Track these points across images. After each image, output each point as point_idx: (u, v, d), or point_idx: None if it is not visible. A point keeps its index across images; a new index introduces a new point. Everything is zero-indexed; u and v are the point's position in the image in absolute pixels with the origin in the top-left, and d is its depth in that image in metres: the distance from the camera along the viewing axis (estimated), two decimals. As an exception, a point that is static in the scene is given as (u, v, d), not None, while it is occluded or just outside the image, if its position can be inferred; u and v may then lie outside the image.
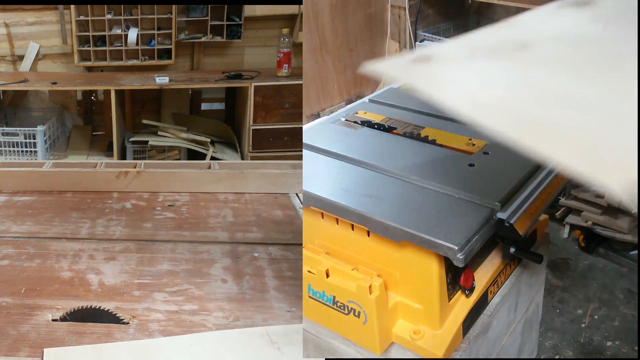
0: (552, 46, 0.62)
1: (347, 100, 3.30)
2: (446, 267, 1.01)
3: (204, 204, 1.28)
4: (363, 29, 3.28)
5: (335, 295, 1.08)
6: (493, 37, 0.68)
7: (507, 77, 0.55)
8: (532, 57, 0.59)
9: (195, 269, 0.99)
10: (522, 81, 0.54)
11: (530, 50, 0.60)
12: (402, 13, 3.11)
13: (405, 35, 3.13)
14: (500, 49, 0.61)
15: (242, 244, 1.11)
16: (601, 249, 2.35)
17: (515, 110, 0.49)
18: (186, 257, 1.04)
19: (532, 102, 0.50)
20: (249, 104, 2.60)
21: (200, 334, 0.80)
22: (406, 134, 1.33)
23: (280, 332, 0.82)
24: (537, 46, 0.62)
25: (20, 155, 2.59)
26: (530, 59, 0.59)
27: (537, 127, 0.46)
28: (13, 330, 0.78)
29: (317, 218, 1.12)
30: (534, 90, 0.51)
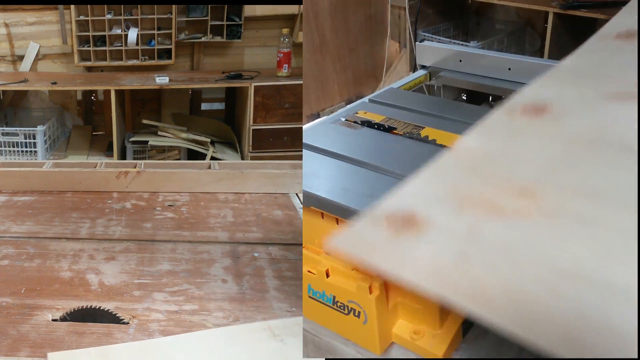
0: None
1: (347, 100, 3.30)
2: (446, 267, 1.01)
3: (204, 204, 1.28)
4: (363, 29, 3.28)
5: (335, 295, 1.08)
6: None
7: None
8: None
9: (195, 269, 0.99)
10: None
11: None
12: (402, 13, 3.11)
13: (405, 35, 3.13)
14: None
15: (242, 244, 1.11)
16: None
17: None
18: (186, 257, 1.04)
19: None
20: (249, 104, 2.60)
21: (203, 331, 0.80)
22: (406, 134, 1.33)
23: (281, 325, 0.82)
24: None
25: (20, 155, 2.59)
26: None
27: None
28: (13, 330, 0.78)
29: (317, 218, 1.12)
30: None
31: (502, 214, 0.50)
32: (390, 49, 3.36)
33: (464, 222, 0.50)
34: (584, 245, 0.45)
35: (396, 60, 3.34)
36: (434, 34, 2.93)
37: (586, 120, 0.68)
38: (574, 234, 0.46)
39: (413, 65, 2.31)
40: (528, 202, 0.52)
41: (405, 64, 3.22)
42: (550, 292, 0.40)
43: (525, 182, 0.56)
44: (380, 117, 1.42)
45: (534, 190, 0.54)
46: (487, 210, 0.51)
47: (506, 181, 0.56)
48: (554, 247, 0.45)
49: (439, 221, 0.50)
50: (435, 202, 0.54)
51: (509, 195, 0.54)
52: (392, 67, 3.35)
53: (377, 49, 3.39)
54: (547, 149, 0.63)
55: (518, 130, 0.69)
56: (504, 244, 0.46)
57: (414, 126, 1.37)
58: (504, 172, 0.59)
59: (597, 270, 0.42)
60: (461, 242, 0.47)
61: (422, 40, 1.86)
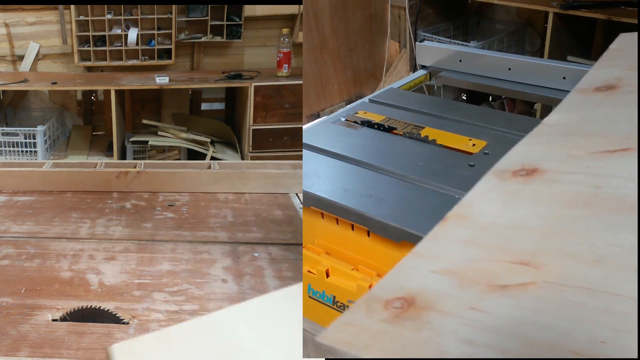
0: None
1: (347, 100, 3.30)
2: (446, 267, 1.01)
3: (204, 204, 1.28)
4: (363, 29, 3.28)
5: (335, 295, 1.08)
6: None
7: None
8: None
9: (195, 269, 0.99)
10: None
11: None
12: (402, 13, 3.11)
13: (405, 35, 3.13)
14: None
15: (242, 244, 1.11)
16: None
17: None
18: (186, 257, 1.04)
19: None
20: (249, 104, 2.60)
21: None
22: (406, 134, 1.33)
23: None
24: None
25: (20, 155, 2.59)
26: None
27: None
28: (13, 330, 0.78)
29: (317, 218, 1.12)
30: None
31: (505, 288, 0.48)
32: (390, 49, 3.36)
33: (466, 302, 0.47)
34: (596, 322, 0.42)
35: (396, 60, 3.34)
36: (434, 34, 2.93)
37: (579, 180, 0.66)
38: (584, 310, 0.44)
39: (413, 65, 2.31)
40: (531, 273, 0.49)
41: (405, 64, 3.22)
42: None
43: (526, 252, 0.53)
44: (380, 117, 1.42)
45: (537, 260, 0.51)
46: (489, 286, 0.48)
47: (507, 252, 0.54)
48: (566, 326, 0.42)
49: (441, 304, 0.47)
50: (435, 280, 0.51)
51: (510, 267, 0.51)
52: (392, 67, 3.35)
53: (377, 49, 3.39)
54: (544, 214, 0.61)
55: (511, 195, 0.68)
56: (512, 324, 0.43)
57: (414, 126, 1.37)
58: (504, 243, 0.56)
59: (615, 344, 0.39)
60: (465, 325, 0.44)
61: (422, 40, 1.86)
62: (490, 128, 1.35)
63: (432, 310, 0.46)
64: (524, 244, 0.55)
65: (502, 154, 1.20)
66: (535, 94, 1.60)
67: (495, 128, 1.34)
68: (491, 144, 1.25)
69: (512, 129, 1.32)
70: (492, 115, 1.45)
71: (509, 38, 2.91)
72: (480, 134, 1.30)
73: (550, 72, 1.57)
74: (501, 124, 1.37)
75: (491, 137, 1.29)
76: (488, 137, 1.29)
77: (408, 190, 1.09)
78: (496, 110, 2.36)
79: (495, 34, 2.95)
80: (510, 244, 0.56)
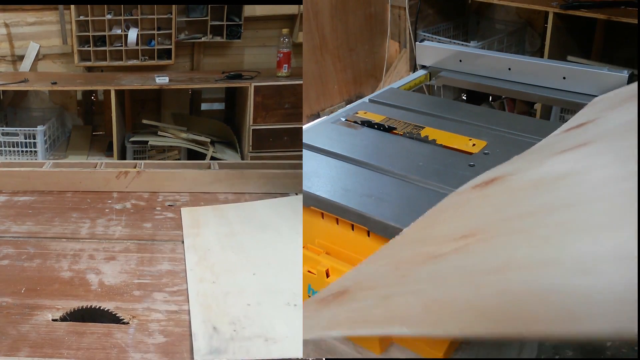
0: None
1: (347, 100, 3.30)
2: (446, 267, 1.01)
3: (204, 204, 1.28)
4: (363, 29, 3.28)
5: (335, 295, 1.08)
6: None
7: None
8: None
9: (195, 269, 0.99)
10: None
11: None
12: (402, 13, 3.11)
13: (405, 35, 3.13)
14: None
15: (242, 244, 1.10)
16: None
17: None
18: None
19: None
20: (249, 104, 2.60)
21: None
22: (406, 134, 1.33)
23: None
24: None
25: (20, 155, 2.59)
26: None
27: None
28: (13, 330, 0.78)
29: (317, 218, 1.12)
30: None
31: (439, 257, 0.50)
32: (390, 49, 3.36)
33: (394, 276, 0.49)
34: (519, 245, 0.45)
35: (396, 60, 3.34)
36: (434, 34, 2.93)
37: (530, 174, 0.68)
38: (509, 242, 0.47)
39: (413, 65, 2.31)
40: (468, 240, 0.52)
41: (405, 64, 3.22)
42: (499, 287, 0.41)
43: (467, 230, 0.55)
44: (380, 117, 1.42)
45: (475, 232, 0.53)
46: (424, 259, 0.50)
47: (448, 235, 0.56)
48: (486, 257, 0.45)
49: (367, 285, 0.50)
50: (368, 276, 0.53)
51: (449, 243, 0.53)
52: (392, 67, 3.35)
53: (377, 49, 3.39)
54: (490, 204, 0.62)
55: (465, 202, 0.70)
56: (433, 276, 0.45)
57: (414, 126, 1.37)
58: (447, 231, 0.58)
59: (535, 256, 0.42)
60: (388, 289, 0.47)
61: (422, 40, 1.86)
62: (490, 128, 1.35)
63: (362, 290, 0.50)
64: (466, 225, 0.57)
65: (502, 154, 1.20)
66: (535, 94, 1.60)
67: (495, 128, 1.34)
68: (491, 144, 1.25)
69: (512, 129, 1.33)
70: (492, 115, 1.45)
71: (509, 38, 2.91)
72: (480, 134, 1.31)
73: (550, 72, 1.57)
74: (501, 124, 1.37)
75: (491, 137, 1.29)
76: (488, 137, 1.29)
77: (408, 190, 1.09)
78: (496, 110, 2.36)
79: (495, 34, 2.95)
80: (453, 230, 0.58)
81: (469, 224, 0.57)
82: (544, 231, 0.46)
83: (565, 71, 1.54)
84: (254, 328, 0.76)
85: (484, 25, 3.17)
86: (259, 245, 1.02)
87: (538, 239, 0.45)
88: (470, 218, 0.60)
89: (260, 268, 0.93)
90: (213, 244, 1.02)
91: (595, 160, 0.59)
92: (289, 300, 0.83)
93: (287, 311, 0.81)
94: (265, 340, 0.74)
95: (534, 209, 0.52)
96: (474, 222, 0.57)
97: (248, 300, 0.83)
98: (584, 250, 0.40)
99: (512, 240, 0.47)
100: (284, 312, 0.81)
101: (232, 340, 0.74)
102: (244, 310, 0.81)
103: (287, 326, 0.77)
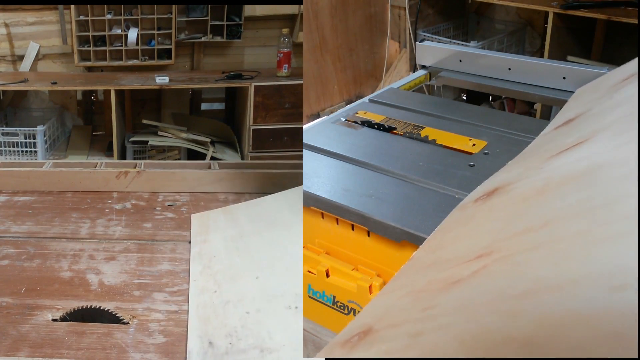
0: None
1: (347, 100, 3.30)
2: (446, 267, 1.01)
3: (204, 204, 1.28)
4: (363, 29, 3.28)
5: (335, 295, 1.08)
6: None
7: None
8: None
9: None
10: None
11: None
12: (402, 13, 3.11)
13: (405, 35, 3.13)
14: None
15: (242, 244, 1.10)
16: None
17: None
18: (186, 257, 1.04)
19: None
20: (249, 104, 2.60)
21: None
22: (406, 134, 1.33)
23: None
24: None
25: (20, 155, 2.59)
26: None
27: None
28: (13, 330, 0.78)
29: (317, 218, 1.12)
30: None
31: (458, 283, 0.48)
32: (390, 49, 3.36)
33: (417, 310, 0.47)
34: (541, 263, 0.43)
35: (396, 60, 3.34)
36: (434, 34, 2.93)
37: (532, 180, 0.67)
38: (530, 261, 0.44)
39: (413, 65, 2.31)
40: (484, 260, 0.49)
41: (405, 64, 3.22)
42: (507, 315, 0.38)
43: (480, 250, 0.53)
44: (380, 117, 1.42)
45: (490, 250, 0.51)
46: (442, 287, 0.48)
47: (462, 257, 0.53)
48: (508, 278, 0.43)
49: (391, 321, 0.47)
50: (388, 310, 0.51)
51: (466, 266, 0.50)
52: (392, 67, 3.35)
53: (377, 49, 3.39)
54: (498, 216, 0.61)
55: (471, 217, 0.68)
56: (459, 306, 0.43)
57: (414, 126, 1.37)
58: (459, 252, 0.56)
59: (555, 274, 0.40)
60: (415, 325, 0.44)
61: (422, 40, 1.86)
62: (490, 128, 1.35)
63: (388, 328, 0.46)
64: (480, 244, 0.55)
65: (502, 154, 1.21)
66: (535, 94, 1.60)
67: (495, 128, 1.34)
68: (491, 144, 1.25)
69: (512, 129, 1.33)
70: (492, 115, 1.45)
71: (509, 38, 2.91)
72: (480, 134, 1.31)
73: (550, 72, 1.57)
74: (501, 124, 1.37)
75: (491, 137, 1.29)
76: (488, 137, 1.29)
77: (408, 190, 1.09)
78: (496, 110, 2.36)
79: (495, 34, 2.96)
80: (468, 251, 0.55)
81: (481, 242, 0.56)
82: (563, 244, 0.44)
83: (565, 71, 1.54)
84: (250, 339, 0.76)
85: (484, 25, 3.17)
86: (266, 245, 1.01)
87: (560, 254, 0.43)
88: (480, 235, 0.58)
89: (264, 271, 0.92)
90: (219, 250, 1.01)
91: (597, 158, 0.58)
92: (290, 304, 0.82)
93: (287, 316, 0.81)
94: (261, 351, 0.74)
95: (544, 220, 0.50)
96: (486, 239, 0.56)
97: (247, 308, 0.83)
98: (613, 263, 0.38)
99: (532, 258, 0.45)
100: (283, 317, 0.80)
101: (226, 355, 0.73)
102: (242, 319, 0.80)
103: (284, 334, 0.77)
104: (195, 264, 0.98)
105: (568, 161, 0.65)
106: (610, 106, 0.83)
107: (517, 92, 1.65)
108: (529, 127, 1.33)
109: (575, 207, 0.49)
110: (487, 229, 0.59)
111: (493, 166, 1.17)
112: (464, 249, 0.57)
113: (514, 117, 1.56)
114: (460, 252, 0.56)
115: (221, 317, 0.81)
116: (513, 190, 0.68)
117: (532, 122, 1.40)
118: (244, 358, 0.72)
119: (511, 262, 0.46)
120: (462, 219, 0.70)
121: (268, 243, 1.01)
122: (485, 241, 0.55)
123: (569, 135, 0.81)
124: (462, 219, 0.71)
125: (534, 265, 0.43)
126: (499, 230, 0.56)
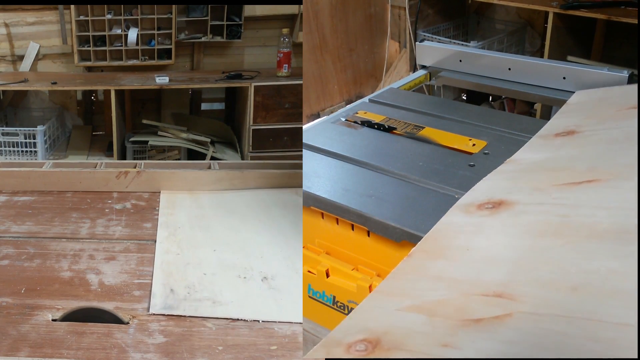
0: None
1: (347, 100, 3.30)
2: (446, 267, 1.01)
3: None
4: (363, 29, 3.28)
5: (335, 295, 1.08)
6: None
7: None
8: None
9: (195, 269, 0.99)
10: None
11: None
12: (402, 13, 3.11)
13: (405, 35, 3.13)
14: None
15: (242, 244, 1.10)
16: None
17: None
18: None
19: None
20: (249, 104, 2.60)
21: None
22: (406, 134, 1.33)
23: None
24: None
25: (20, 155, 2.59)
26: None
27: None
28: (13, 330, 0.78)
29: (317, 218, 1.12)
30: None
31: (479, 322, 0.44)
32: (390, 49, 3.36)
33: (434, 340, 0.43)
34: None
35: (396, 60, 3.34)
36: (434, 34, 2.93)
37: (546, 210, 0.64)
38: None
39: (413, 65, 2.31)
40: (505, 304, 0.46)
41: (405, 64, 3.22)
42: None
43: (498, 283, 0.49)
44: (380, 117, 1.42)
45: (511, 291, 0.48)
46: (461, 321, 0.45)
47: (478, 285, 0.50)
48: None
49: (402, 342, 0.43)
50: (402, 318, 0.47)
51: (483, 300, 0.47)
52: (392, 67, 3.35)
53: (377, 49, 3.39)
54: (514, 245, 0.58)
55: (478, 227, 0.66)
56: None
57: (414, 126, 1.37)
58: (474, 276, 0.52)
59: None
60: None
61: (422, 40, 1.86)
62: (490, 128, 1.35)
63: (400, 350, 0.42)
64: (495, 275, 0.53)
65: (502, 154, 1.20)
66: (535, 94, 1.60)
67: (495, 128, 1.34)
68: (491, 144, 1.25)
69: (512, 129, 1.32)
70: (492, 115, 1.45)
71: (509, 38, 2.91)
72: (480, 134, 1.31)
73: (550, 72, 1.57)
74: (501, 124, 1.37)
75: (491, 137, 1.29)
76: (488, 137, 1.29)
77: (408, 190, 1.09)
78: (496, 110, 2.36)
79: (495, 34, 2.95)
80: (481, 276, 0.53)
81: (497, 274, 0.53)
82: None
83: (565, 71, 1.54)
84: (205, 292, 0.89)
85: (484, 25, 3.17)
86: (224, 227, 1.14)
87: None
88: (496, 264, 0.55)
89: (221, 246, 1.05)
90: (184, 223, 1.15)
91: (620, 219, 0.57)
92: (240, 274, 0.96)
93: (237, 282, 0.93)
94: (213, 302, 0.86)
95: (572, 275, 0.48)
96: (502, 272, 0.53)
97: (205, 271, 0.96)
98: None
99: (555, 334, 0.42)
100: (234, 282, 0.93)
101: (184, 300, 0.87)
102: (199, 278, 0.94)
103: (234, 293, 0.89)
104: (162, 230, 1.11)
105: (584, 199, 0.63)
106: (617, 138, 0.82)
107: (517, 92, 1.65)
108: (529, 127, 1.33)
109: (604, 274, 0.47)
110: (503, 257, 0.56)
111: (493, 166, 1.17)
112: (476, 274, 0.54)
113: (514, 117, 1.56)
114: (472, 275, 0.54)
115: (182, 274, 0.95)
116: (524, 213, 0.66)
117: (532, 122, 1.40)
118: (198, 305, 0.85)
119: (537, 324, 0.43)
120: (469, 226, 0.69)
121: (227, 227, 1.14)
122: (501, 274, 0.52)
123: (577, 159, 0.79)
124: (468, 226, 0.69)
125: (555, 328, 0.41)
126: (515, 265, 0.53)
